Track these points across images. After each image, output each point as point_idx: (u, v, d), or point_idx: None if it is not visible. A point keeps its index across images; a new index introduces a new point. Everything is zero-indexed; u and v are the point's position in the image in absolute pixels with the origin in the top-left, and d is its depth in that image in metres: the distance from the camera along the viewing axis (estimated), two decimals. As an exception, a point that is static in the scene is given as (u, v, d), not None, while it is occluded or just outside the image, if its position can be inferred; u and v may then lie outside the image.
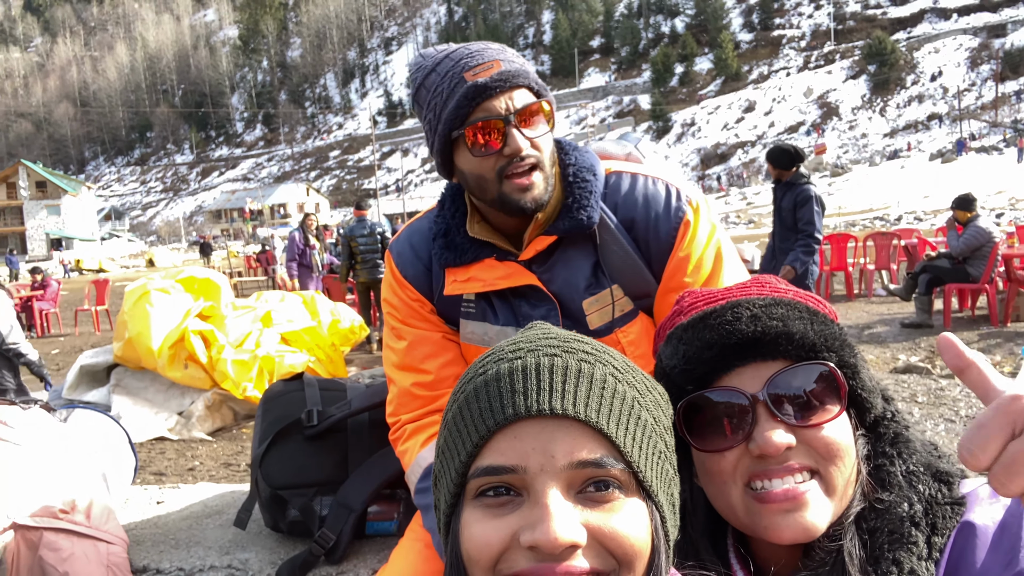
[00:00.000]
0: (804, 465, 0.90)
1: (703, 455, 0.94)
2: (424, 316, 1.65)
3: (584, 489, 0.71)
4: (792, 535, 0.88)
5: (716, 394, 0.93)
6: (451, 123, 1.42)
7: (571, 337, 0.79)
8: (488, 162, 1.43)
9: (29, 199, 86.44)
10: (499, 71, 1.39)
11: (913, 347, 8.09)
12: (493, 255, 1.55)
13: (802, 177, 7.29)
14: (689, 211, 1.54)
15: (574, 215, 1.50)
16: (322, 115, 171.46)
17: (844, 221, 33.77)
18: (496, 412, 0.72)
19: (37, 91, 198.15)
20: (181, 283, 7.28)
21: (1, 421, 2.01)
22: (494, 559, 0.71)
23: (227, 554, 1.95)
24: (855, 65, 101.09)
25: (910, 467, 0.93)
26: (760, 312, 0.94)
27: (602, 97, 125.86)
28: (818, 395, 0.91)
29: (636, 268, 1.56)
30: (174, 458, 6.01)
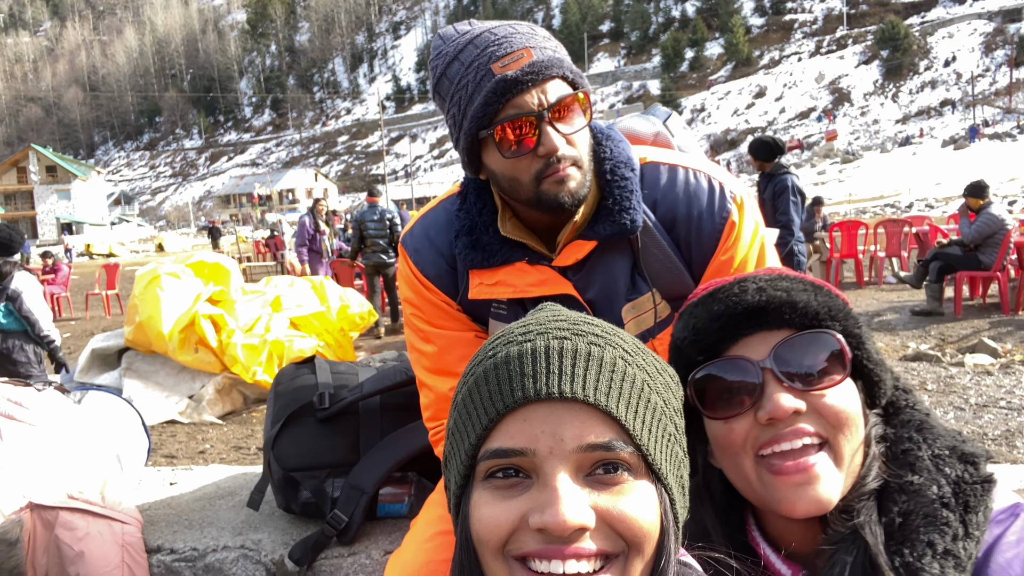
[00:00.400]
0: (812, 431, 0.92)
1: (716, 428, 0.97)
2: (452, 315, 1.52)
3: (593, 472, 0.71)
4: (805, 508, 0.90)
5: (723, 363, 0.97)
6: (479, 121, 1.28)
7: (581, 319, 0.79)
8: (522, 163, 1.30)
9: (40, 184, 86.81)
10: (530, 62, 1.25)
11: (923, 335, 8.06)
12: (524, 258, 1.42)
13: (781, 168, 7.34)
14: (734, 210, 1.43)
15: (616, 219, 1.38)
16: (330, 100, 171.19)
17: (854, 208, 33.56)
18: (506, 395, 0.72)
19: (47, 75, 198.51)
20: (191, 268, 7.31)
21: (16, 402, 2.03)
22: (503, 540, 0.71)
23: (240, 535, 1.97)
24: (867, 50, 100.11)
25: (935, 451, 0.96)
26: (765, 284, 0.98)
27: (611, 82, 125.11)
28: (823, 362, 0.94)
29: (676, 271, 1.45)
30: (185, 441, 6.06)
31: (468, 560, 0.76)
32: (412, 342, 1.58)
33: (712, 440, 1.00)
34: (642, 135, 1.67)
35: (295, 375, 2.08)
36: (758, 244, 1.46)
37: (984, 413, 5.14)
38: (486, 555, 0.73)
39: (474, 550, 0.74)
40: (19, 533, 1.79)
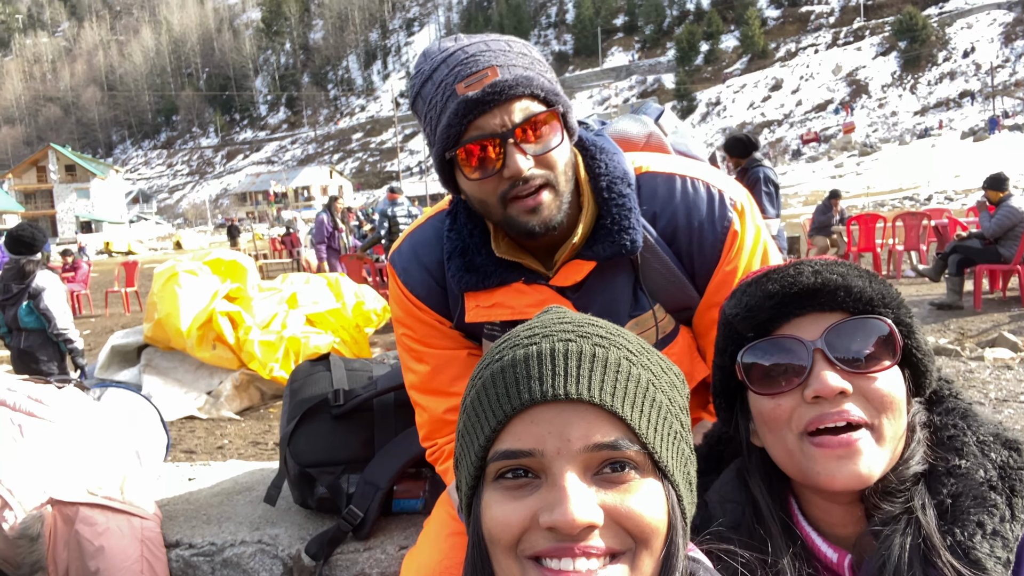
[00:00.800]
0: (858, 416, 0.93)
1: (762, 403, 0.99)
2: (444, 334, 1.50)
3: (601, 471, 0.73)
4: (845, 482, 0.92)
5: (774, 341, 0.98)
6: (444, 142, 1.25)
7: (586, 321, 0.80)
8: (488, 185, 1.26)
9: (59, 182, 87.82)
10: (493, 81, 1.21)
11: (943, 329, 7.98)
12: (521, 278, 1.38)
13: (755, 162, 7.41)
14: (735, 218, 1.39)
15: (615, 239, 1.33)
16: (344, 97, 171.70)
17: (873, 201, 33.25)
18: (513, 398, 0.74)
19: (65, 75, 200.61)
20: (209, 265, 7.38)
21: (37, 399, 2.06)
22: (515, 539, 0.72)
23: (257, 529, 1.99)
24: (885, 41, 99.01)
25: (980, 437, 0.98)
26: (821, 268, 0.99)
27: (625, 77, 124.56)
28: (873, 347, 0.95)
29: (679, 284, 1.42)
30: (203, 436, 6.12)
31: (480, 559, 0.77)
32: (405, 362, 1.56)
33: (756, 415, 1.01)
34: (634, 138, 1.61)
35: (310, 372, 2.10)
36: (761, 249, 1.44)
37: (1004, 407, 5.09)
38: (498, 554, 0.74)
39: (486, 549, 0.76)
40: (40, 528, 1.82)
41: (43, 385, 2.15)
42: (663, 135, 1.64)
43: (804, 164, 68.69)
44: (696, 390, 1.53)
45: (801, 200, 40.57)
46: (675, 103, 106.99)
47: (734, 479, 1.08)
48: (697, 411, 1.55)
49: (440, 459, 1.53)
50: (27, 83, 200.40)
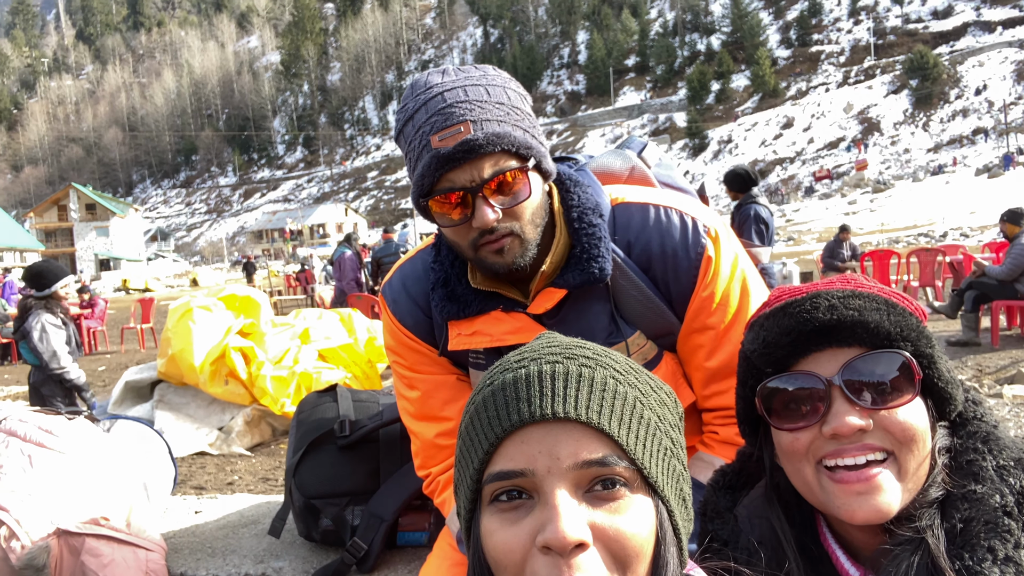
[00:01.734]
0: (878, 447, 0.93)
1: (781, 436, 0.99)
2: (433, 360, 1.55)
3: (592, 488, 0.74)
4: (864, 516, 0.92)
5: (792, 377, 0.99)
6: (419, 189, 1.30)
7: (574, 344, 0.82)
8: (459, 232, 1.32)
9: (79, 221, 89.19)
10: (464, 139, 1.24)
11: (960, 366, 7.87)
12: (499, 306, 1.44)
13: (750, 198, 7.44)
14: (709, 244, 1.42)
15: (584, 267, 1.38)
16: (360, 137, 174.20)
17: (887, 238, 33.09)
18: (503, 419, 0.76)
19: (88, 117, 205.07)
20: (222, 301, 7.43)
21: (47, 430, 2.07)
22: (519, 565, 0.74)
23: (261, 562, 1.98)
24: (896, 80, 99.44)
25: (1000, 462, 0.97)
26: (838, 302, 0.98)
27: (637, 115, 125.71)
28: (892, 381, 0.95)
29: (657, 310, 1.45)
30: (214, 472, 6.11)
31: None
32: (398, 390, 1.61)
33: (777, 446, 1.02)
34: (616, 172, 1.66)
35: (317, 403, 2.11)
36: (739, 275, 1.45)
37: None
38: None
39: (488, 571, 0.78)
40: (46, 559, 1.82)
41: (54, 416, 2.17)
42: (646, 168, 1.68)
43: (817, 201, 68.68)
44: (688, 415, 1.51)
45: (815, 237, 40.47)
46: (687, 141, 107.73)
47: (762, 496, 1.09)
48: (691, 437, 1.54)
49: (437, 491, 1.55)
50: (51, 124, 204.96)
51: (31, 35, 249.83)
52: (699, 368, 1.48)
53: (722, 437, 1.48)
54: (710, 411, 1.52)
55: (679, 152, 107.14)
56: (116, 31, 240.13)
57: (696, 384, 1.51)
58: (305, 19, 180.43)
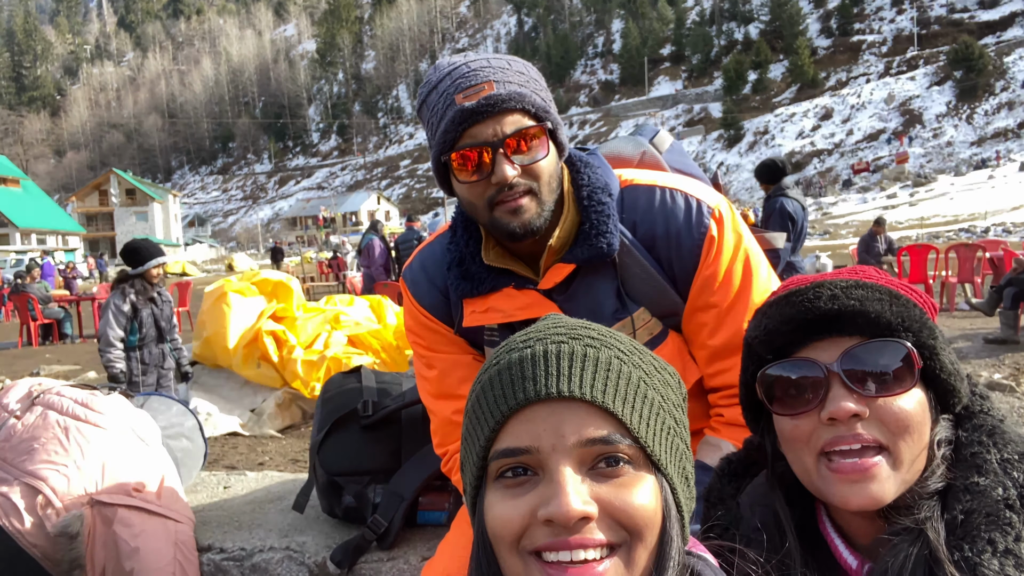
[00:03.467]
0: (873, 437, 0.94)
1: (783, 423, 1.01)
2: (450, 340, 1.60)
3: (596, 465, 0.76)
4: (859, 503, 0.94)
5: (792, 364, 1.00)
6: (441, 146, 1.36)
7: (579, 324, 0.84)
8: (477, 189, 1.36)
9: (119, 206, 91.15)
10: (488, 95, 1.31)
11: (997, 364, 7.71)
12: (511, 283, 1.49)
13: (779, 190, 7.26)
14: (712, 224, 1.46)
15: (592, 242, 1.43)
16: (394, 125, 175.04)
17: (927, 233, 32.41)
18: (508, 398, 0.77)
19: (128, 103, 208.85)
20: (256, 285, 7.56)
21: (83, 404, 2.14)
22: (516, 536, 0.75)
23: (286, 536, 2.03)
24: (940, 71, 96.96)
25: (1005, 455, 0.97)
26: (840, 292, 0.99)
27: (672, 106, 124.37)
28: (891, 370, 0.96)
29: (661, 289, 1.49)
30: (245, 453, 6.23)
31: (485, 556, 0.80)
32: (418, 370, 1.67)
33: (779, 433, 1.04)
34: (628, 157, 1.72)
35: (342, 383, 2.15)
36: (741, 258, 1.48)
37: (1060, 445, 4.88)
38: (502, 551, 0.77)
39: (491, 547, 0.79)
40: (80, 527, 1.89)
41: (89, 391, 2.24)
42: (658, 153, 1.72)
43: (855, 194, 67.43)
44: (695, 397, 1.55)
45: (852, 230, 39.78)
46: (722, 132, 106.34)
47: (764, 483, 1.11)
48: (697, 421, 1.56)
49: (454, 469, 1.60)
50: (92, 110, 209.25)
51: (74, 22, 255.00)
52: (703, 346, 1.51)
53: (728, 419, 1.49)
54: (715, 390, 1.54)
55: (713, 143, 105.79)
56: (156, 19, 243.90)
57: (701, 362, 1.54)
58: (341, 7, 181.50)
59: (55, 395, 2.16)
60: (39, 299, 15.28)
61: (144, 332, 5.83)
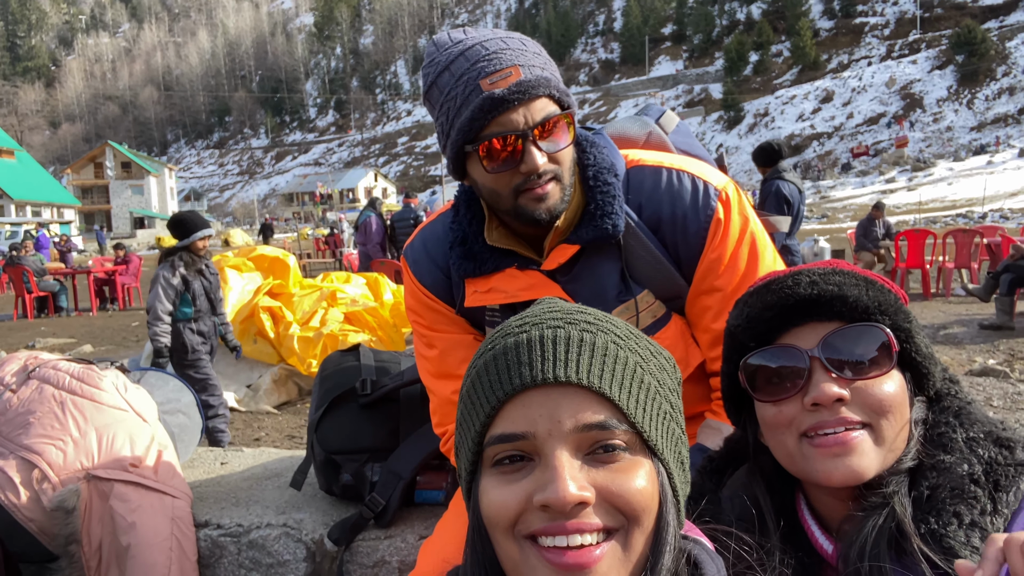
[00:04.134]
0: (857, 419, 0.96)
1: (765, 409, 1.03)
2: (451, 320, 1.58)
3: (592, 451, 0.75)
4: (841, 478, 0.95)
5: (774, 351, 1.02)
6: (464, 134, 1.30)
7: (575, 309, 0.83)
8: (503, 178, 1.33)
9: (115, 179, 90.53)
10: (518, 80, 1.27)
11: (991, 349, 7.74)
12: (514, 264, 1.47)
13: (775, 173, 7.22)
14: (719, 207, 1.44)
15: (597, 223, 1.41)
16: (392, 102, 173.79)
17: (925, 218, 32.41)
18: (504, 383, 0.76)
19: (124, 75, 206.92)
20: (253, 261, 7.54)
21: (79, 379, 2.13)
22: (512, 520, 0.75)
23: (283, 513, 2.03)
24: (942, 55, 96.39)
25: (970, 434, 1.00)
26: (818, 279, 1.02)
27: (672, 86, 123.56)
28: (870, 353, 0.98)
29: (665, 271, 1.47)
30: (241, 428, 6.25)
31: (481, 542, 0.80)
32: (418, 349, 1.65)
33: (761, 420, 1.05)
34: (633, 137, 1.69)
35: (340, 361, 2.14)
36: (748, 239, 1.46)
37: (1053, 431, 4.91)
38: (497, 536, 0.77)
39: (486, 532, 0.78)
40: (76, 502, 1.89)
41: (86, 366, 2.23)
42: (664, 134, 1.69)
43: (853, 178, 67.31)
44: (697, 380, 1.55)
45: (850, 214, 39.76)
46: (722, 113, 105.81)
47: (743, 477, 1.12)
48: (699, 404, 1.56)
49: (452, 450, 1.56)
50: (88, 82, 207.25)
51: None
52: (707, 330, 1.50)
53: None
54: (718, 374, 1.51)
55: (713, 125, 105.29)
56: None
57: (704, 346, 1.53)
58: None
59: (51, 369, 2.15)
60: (34, 272, 15.22)
61: (198, 304, 5.67)
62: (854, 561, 0.93)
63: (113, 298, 16.33)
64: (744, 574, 0.90)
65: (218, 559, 2.01)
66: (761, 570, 0.91)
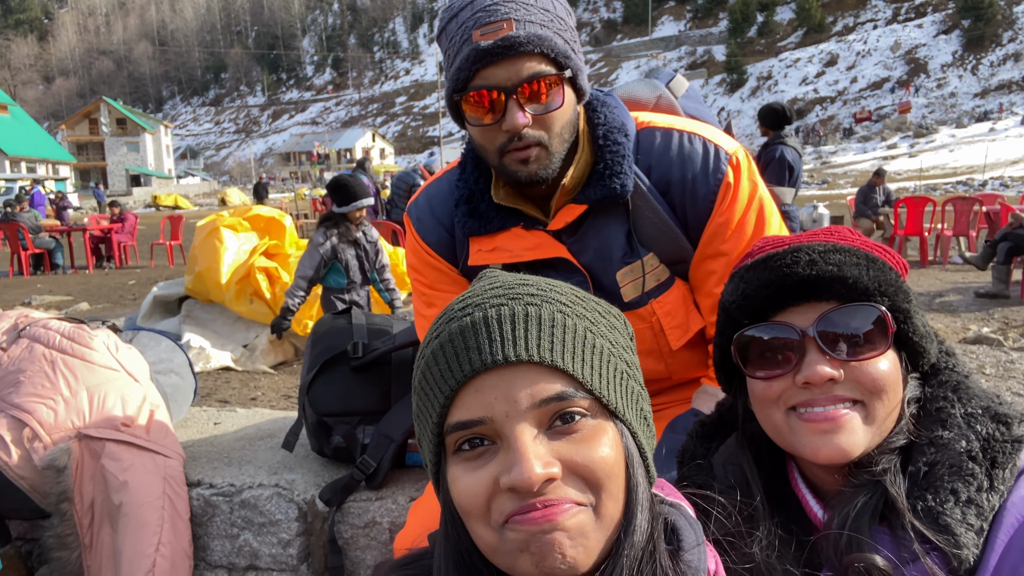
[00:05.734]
0: (848, 397, 0.95)
1: (755, 385, 1.02)
2: (452, 279, 1.57)
3: (552, 424, 0.74)
4: (828, 454, 0.95)
5: (768, 327, 1.00)
6: (453, 84, 1.29)
7: (516, 282, 0.81)
8: (488, 133, 1.31)
9: (110, 135, 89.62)
10: (506, 35, 1.23)
11: (986, 318, 7.77)
12: (520, 223, 1.45)
13: (779, 138, 7.06)
14: (729, 171, 1.42)
15: (606, 183, 1.39)
16: (390, 60, 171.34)
17: (925, 185, 32.27)
18: (455, 371, 0.75)
19: (118, 29, 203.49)
20: (249, 221, 7.49)
21: (70, 338, 2.12)
22: (484, 508, 0.74)
23: (275, 474, 2.04)
24: (948, 19, 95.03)
25: (968, 410, 0.99)
26: (818, 257, 0.99)
27: (675, 47, 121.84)
28: (866, 334, 0.96)
29: (672, 234, 1.45)
30: (238, 388, 6.27)
31: (455, 531, 0.80)
32: (417, 308, 1.63)
33: (750, 393, 1.04)
34: (643, 100, 1.67)
35: (332, 324, 2.13)
36: (756, 205, 1.45)
37: (1043, 400, 4.95)
38: (471, 523, 0.76)
39: (460, 520, 0.78)
40: (67, 460, 1.89)
41: (76, 325, 2.22)
42: (673, 98, 1.68)
43: (855, 144, 66.85)
44: (695, 345, 1.55)
45: (850, 181, 39.58)
46: (725, 76, 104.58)
47: (735, 444, 1.11)
48: (697, 369, 1.57)
49: None
50: (81, 36, 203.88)
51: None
52: (709, 295, 1.49)
53: None
54: None
55: (715, 88, 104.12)
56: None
57: (704, 311, 1.52)
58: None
59: (41, 328, 2.14)
60: (29, 228, 15.14)
61: (351, 275, 5.51)
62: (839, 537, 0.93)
63: (109, 256, 16.28)
64: (727, 541, 0.90)
65: (210, 518, 2.02)
66: (746, 537, 0.91)
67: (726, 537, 0.90)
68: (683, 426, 1.37)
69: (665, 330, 1.51)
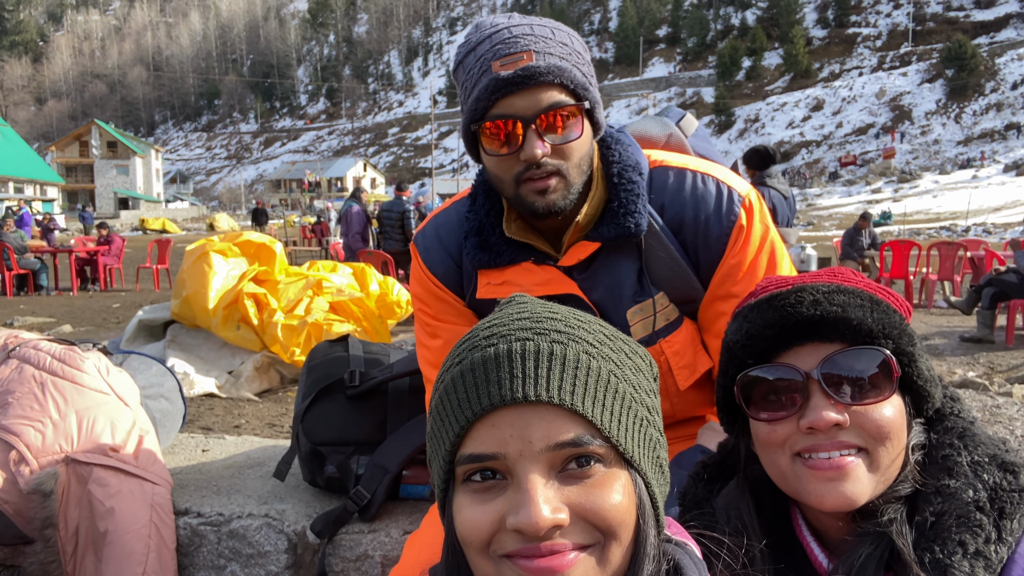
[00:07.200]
0: (853, 444, 0.94)
1: (759, 427, 1.00)
2: (458, 311, 1.55)
3: (565, 467, 0.73)
4: (833, 502, 0.93)
5: (772, 369, 0.99)
6: (471, 114, 1.29)
7: (545, 315, 0.79)
8: (505, 163, 1.31)
9: (100, 158, 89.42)
10: (526, 65, 1.24)
11: (971, 362, 7.82)
12: (531, 258, 1.44)
13: (764, 177, 7.17)
14: (742, 213, 1.42)
15: (620, 221, 1.38)
16: (384, 92, 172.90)
17: (909, 229, 32.71)
18: (473, 403, 0.73)
19: (113, 54, 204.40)
20: (239, 246, 7.45)
21: (60, 360, 2.09)
22: (485, 541, 0.73)
23: (265, 504, 2.00)
24: (932, 68, 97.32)
25: (975, 458, 0.97)
26: (822, 298, 0.98)
27: (665, 88, 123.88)
28: (870, 378, 0.95)
29: (683, 274, 1.45)
30: (221, 415, 6.18)
31: (456, 559, 0.79)
32: (420, 338, 1.62)
33: (754, 435, 1.03)
34: (654, 138, 1.67)
35: (328, 352, 2.11)
36: (768, 248, 1.45)
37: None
38: (472, 555, 0.75)
39: (460, 550, 0.77)
40: (54, 485, 1.84)
41: (67, 347, 2.18)
42: (683, 136, 1.69)
43: (840, 187, 67.82)
44: (702, 386, 1.54)
45: (835, 223, 40.07)
46: (713, 117, 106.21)
47: (736, 488, 1.10)
48: (703, 408, 1.56)
49: None
50: (76, 59, 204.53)
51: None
52: (719, 336, 1.47)
53: None
54: None
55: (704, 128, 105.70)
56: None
57: (713, 351, 1.51)
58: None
59: (32, 349, 2.10)
60: (15, 249, 15.00)
61: None
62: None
63: (95, 278, 16.14)
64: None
65: (197, 548, 1.98)
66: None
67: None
68: (689, 462, 1.36)
69: (673, 370, 1.50)
